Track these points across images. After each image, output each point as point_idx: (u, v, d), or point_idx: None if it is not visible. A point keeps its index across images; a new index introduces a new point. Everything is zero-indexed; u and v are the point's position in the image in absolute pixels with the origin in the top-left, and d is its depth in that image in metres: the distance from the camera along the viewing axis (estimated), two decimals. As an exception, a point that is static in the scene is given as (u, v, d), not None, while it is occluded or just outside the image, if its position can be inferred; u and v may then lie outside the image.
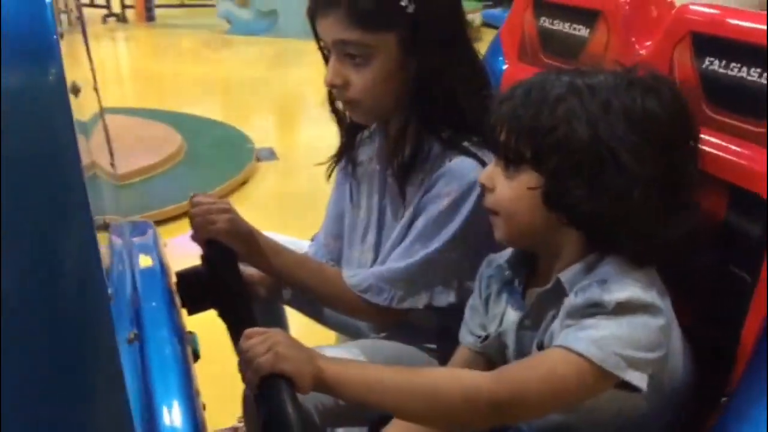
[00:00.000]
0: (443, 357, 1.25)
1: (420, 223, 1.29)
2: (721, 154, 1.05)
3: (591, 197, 0.93)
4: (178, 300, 1.10)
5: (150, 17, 8.94)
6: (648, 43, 1.25)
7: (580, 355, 0.90)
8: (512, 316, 1.07)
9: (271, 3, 8.14)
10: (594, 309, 0.93)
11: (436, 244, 1.26)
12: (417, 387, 0.92)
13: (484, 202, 1.08)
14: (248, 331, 0.94)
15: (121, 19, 8.95)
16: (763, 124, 1.02)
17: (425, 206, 1.29)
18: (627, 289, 0.93)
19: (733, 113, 1.06)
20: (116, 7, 9.00)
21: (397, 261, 1.29)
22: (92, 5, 8.82)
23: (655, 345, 0.93)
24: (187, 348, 0.95)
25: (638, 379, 0.91)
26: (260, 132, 5.09)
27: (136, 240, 1.22)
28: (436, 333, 1.37)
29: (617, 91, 0.95)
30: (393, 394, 0.92)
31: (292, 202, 4.06)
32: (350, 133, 1.43)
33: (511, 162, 0.98)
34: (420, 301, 1.30)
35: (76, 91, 0.70)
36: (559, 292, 0.99)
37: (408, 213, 1.32)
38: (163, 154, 4.58)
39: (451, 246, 1.26)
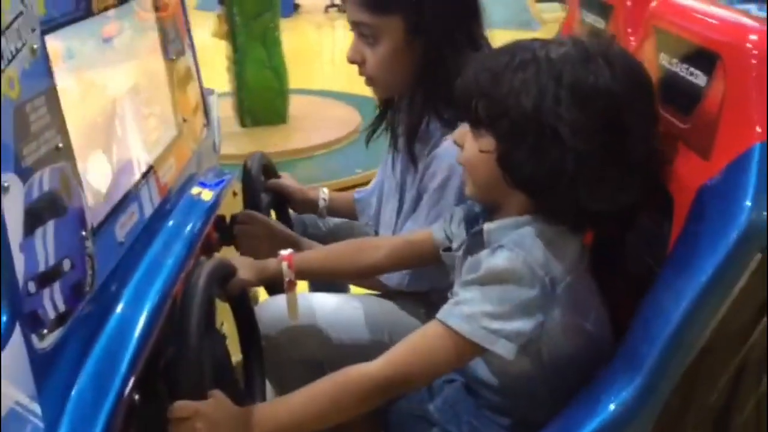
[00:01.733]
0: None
1: (423, 200, 1.41)
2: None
3: (531, 163, 0.98)
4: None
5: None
6: None
7: (453, 330, 0.99)
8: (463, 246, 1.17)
9: None
10: (473, 275, 1.01)
11: (432, 221, 1.36)
12: (325, 411, 1.03)
13: (456, 158, 1.17)
14: (176, 406, 1.01)
15: (342, 9, 9.50)
16: (688, 120, 1.04)
17: (425, 183, 1.41)
18: (510, 259, 0.98)
19: (667, 109, 1.08)
20: (338, -1, 9.56)
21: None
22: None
23: (524, 314, 0.97)
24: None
25: (505, 349, 0.98)
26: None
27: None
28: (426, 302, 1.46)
29: (573, 64, 0.98)
30: (320, 422, 1.04)
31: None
32: (384, 106, 1.57)
33: (472, 124, 1.07)
34: (423, 286, 1.42)
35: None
36: (482, 240, 1.07)
37: (415, 185, 1.44)
38: (342, 132, 4.94)
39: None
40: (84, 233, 1.05)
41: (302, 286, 1.82)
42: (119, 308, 1.13)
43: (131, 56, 1.34)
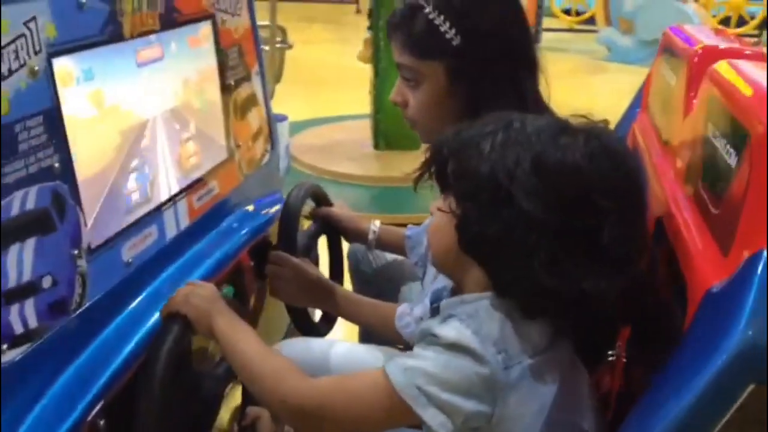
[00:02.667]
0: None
1: None
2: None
3: (481, 224, 0.92)
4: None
5: (535, 39, 9.31)
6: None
7: (387, 378, 0.91)
8: None
9: (656, 32, 7.89)
10: (427, 339, 0.93)
11: None
12: (256, 370, 1.03)
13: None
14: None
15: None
16: (719, 204, 0.92)
17: None
18: (459, 330, 0.90)
19: (705, 190, 0.98)
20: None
21: None
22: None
23: (469, 392, 0.88)
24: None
25: (435, 420, 0.88)
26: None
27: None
28: None
29: (545, 135, 0.92)
30: (241, 365, 1.05)
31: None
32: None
33: (441, 186, 1.01)
34: None
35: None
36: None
37: None
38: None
39: None
40: (76, 252, 1.08)
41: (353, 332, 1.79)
42: (108, 330, 1.14)
43: (172, 81, 1.36)
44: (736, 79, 0.99)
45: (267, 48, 3.53)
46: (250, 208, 1.64)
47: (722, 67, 1.09)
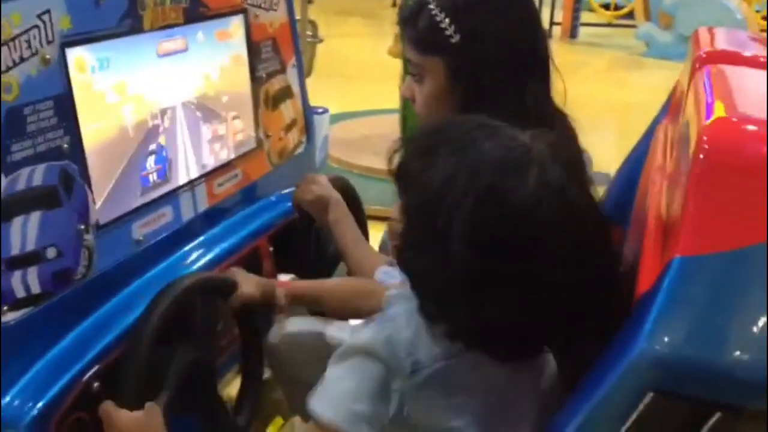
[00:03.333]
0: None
1: None
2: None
3: (415, 252, 0.91)
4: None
5: (573, 34, 9.08)
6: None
7: (321, 420, 0.90)
8: None
9: (696, 28, 7.56)
10: (336, 355, 0.94)
11: None
12: None
13: None
14: (101, 407, 1.11)
15: (548, 35, 9.26)
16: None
17: None
18: (374, 334, 0.92)
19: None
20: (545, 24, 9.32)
21: None
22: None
23: (381, 395, 0.89)
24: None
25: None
26: (604, 156, 4.86)
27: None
28: None
29: (497, 164, 0.87)
30: None
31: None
32: None
33: (395, 180, 0.98)
34: None
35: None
36: None
37: None
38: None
39: None
40: (83, 227, 1.18)
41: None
42: (112, 302, 1.24)
43: (197, 72, 1.45)
44: (704, 83, 0.99)
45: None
46: (276, 196, 1.72)
47: (707, 71, 1.09)
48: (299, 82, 1.82)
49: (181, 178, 1.42)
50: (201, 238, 1.45)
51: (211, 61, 1.49)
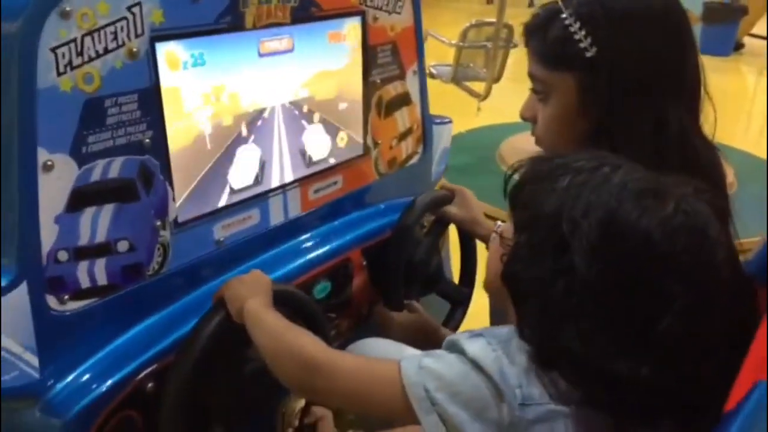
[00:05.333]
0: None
1: None
2: None
3: (523, 261, 0.87)
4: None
5: None
6: None
7: (399, 367, 0.89)
8: None
9: None
10: (451, 347, 0.90)
11: None
12: (278, 336, 1.06)
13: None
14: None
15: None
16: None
17: None
18: (484, 350, 0.86)
19: None
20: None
21: None
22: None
23: (479, 414, 0.84)
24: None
25: (435, 429, 0.84)
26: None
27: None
28: None
29: (626, 192, 0.82)
30: (262, 337, 1.08)
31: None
32: None
33: (509, 202, 0.96)
34: None
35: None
36: None
37: None
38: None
39: None
40: (159, 223, 1.19)
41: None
42: (183, 300, 1.24)
43: (302, 73, 1.42)
44: None
45: (490, 45, 3.51)
46: (383, 206, 1.68)
47: None
48: (420, 89, 1.76)
49: (273, 182, 1.40)
50: (287, 245, 1.44)
51: (319, 63, 1.46)
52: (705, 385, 0.85)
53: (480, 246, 1.72)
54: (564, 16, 1.17)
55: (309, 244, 1.47)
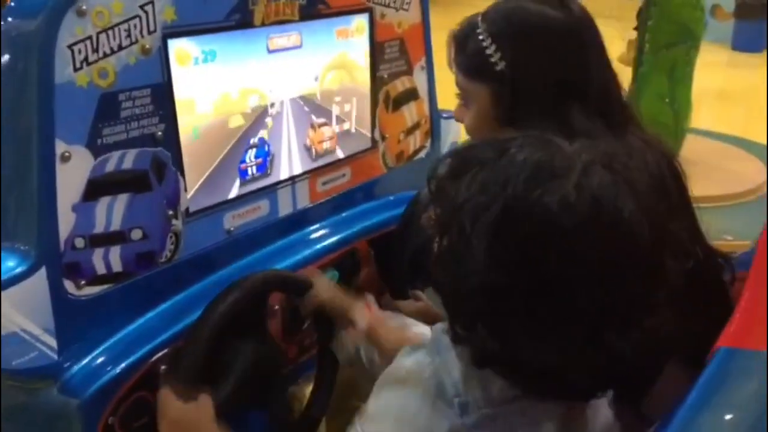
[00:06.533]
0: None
1: None
2: None
3: (437, 263, 0.87)
4: None
5: None
6: None
7: None
8: None
9: None
10: (379, 381, 0.93)
11: None
12: None
13: None
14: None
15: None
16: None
17: None
18: (419, 363, 0.89)
19: None
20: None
21: None
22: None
23: (426, 426, 0.86)
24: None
25: None
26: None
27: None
28: None
29: (524, 173, 0.80)
30: None
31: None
32: None
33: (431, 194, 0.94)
34: None
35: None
36: None
37: None
38: (732, 188, 4.51)
39: None
40: (171, 212, 1.24)
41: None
42: (194, 287, 1.30)
43: (310, 69, 1.48)
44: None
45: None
46: (390, 199, 1.73)
47: None
48: (428, 84, 1.81)
49: (282, 174, 1.46)
50: (296, 235, 1.49)
51: (327, 59, 1.52)
52: (642, 351, 0.82)
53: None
54: (479, 31, 1.25)
55: (317, 234, 1.53)
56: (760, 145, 5.12)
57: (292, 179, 1.48)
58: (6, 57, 1.06)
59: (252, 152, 1.39)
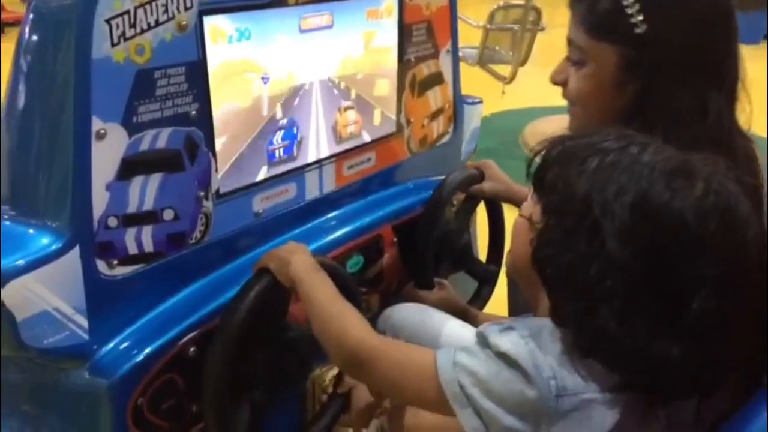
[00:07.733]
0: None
1: None
2: None
3: (556, 247, 0.89)
4: None
5: None
6: None
7: (435, 362, 0.92)
8: None
9: None
10: (482, 342, 0.92)
11: None
12: (324, 312, 1.10)
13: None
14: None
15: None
16: None
17: None
18: (515, 344, 0.88)
19: None
20: None
21: None
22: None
23: (513, 409, 0.86)
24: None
25: (472, 424, 0.87)
26: None
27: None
28: None
29: (657, 172, 0.85)
30: (311, 309, 1.12)
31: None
32: None
33: (535, 189, 0.98)
34: None
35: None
36: None
37: None
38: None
39: None
40: (203, 193, 1.23)
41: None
42: (223, 269, 1.29)
43: (340, 50, 1.46)
44: None
45: (517, 28, 3.53)
46: (413, 183, 1.72)
47: None
48: (453, 69, 1.79)
49: (310, 157, 1.44)
50: (322, 219, 1.48)
51: (356, 40, 1.50)
52: (731, 363, 0.89)
53: (508, 224, 1.76)
54: None
55: (342, 219, 1.51)
56: (759, 137, 5.10)
57: (320, 162, 1.46)
58: (42, 30, 1.04)
59: (279, 134, 1.37)
